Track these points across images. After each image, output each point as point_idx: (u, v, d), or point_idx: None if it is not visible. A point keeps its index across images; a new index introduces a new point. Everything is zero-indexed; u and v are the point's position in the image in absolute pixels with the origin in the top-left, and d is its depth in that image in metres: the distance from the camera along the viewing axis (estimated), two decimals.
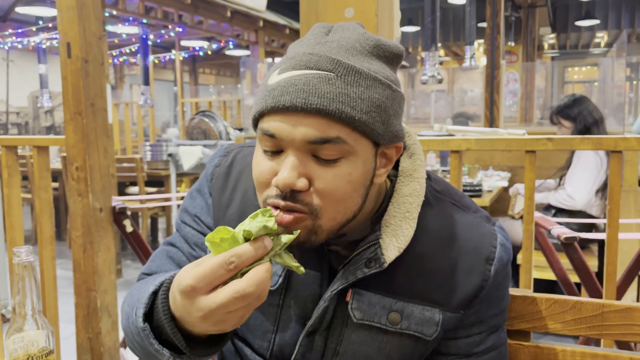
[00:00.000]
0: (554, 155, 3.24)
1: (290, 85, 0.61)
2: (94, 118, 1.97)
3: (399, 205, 0.71)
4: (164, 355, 0.63)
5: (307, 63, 0.62)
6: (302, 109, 0.60)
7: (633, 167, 2.52)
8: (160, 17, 5.43)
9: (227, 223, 0.78)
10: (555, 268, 1.86)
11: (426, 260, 0.72)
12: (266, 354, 0.77)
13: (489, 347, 0.75)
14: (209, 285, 0.56)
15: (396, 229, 0.70)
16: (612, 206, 1.39)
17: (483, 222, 0.75)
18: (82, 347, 2.09)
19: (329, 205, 0.64)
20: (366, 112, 0.62)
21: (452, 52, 11.20)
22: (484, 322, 0.74)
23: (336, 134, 0.61)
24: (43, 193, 2.18)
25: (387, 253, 0.68)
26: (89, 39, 1.95)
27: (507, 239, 0.76)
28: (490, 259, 0.72)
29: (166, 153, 3.83)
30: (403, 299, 0.71)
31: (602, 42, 11.08)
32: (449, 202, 0.76)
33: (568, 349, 0.85)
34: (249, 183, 0.78)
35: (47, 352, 0.76)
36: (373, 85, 0.63)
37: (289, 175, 0.62)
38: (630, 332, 0.82)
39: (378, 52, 0.66)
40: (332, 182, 0.63)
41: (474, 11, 4.52)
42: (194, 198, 0.84)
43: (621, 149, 1.35)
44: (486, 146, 1.47)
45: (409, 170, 0.74)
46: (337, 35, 0.66)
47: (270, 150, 0.65)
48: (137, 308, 0.66)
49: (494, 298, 0.74)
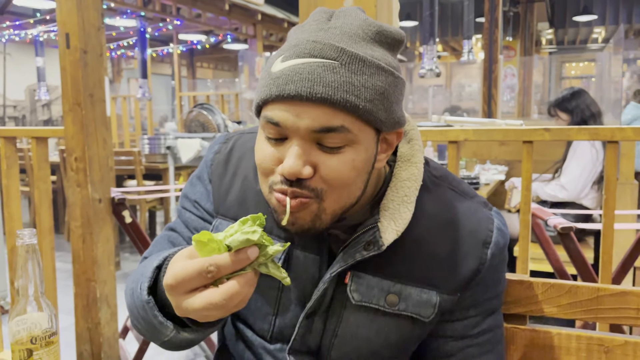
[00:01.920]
0: (551, 149, 3.25)
1: (295, 74, 0.61)
2: (92, 109, 1.98)
3: (397, 190, 0.72)
4: (167, 328, 0.64)
5: (311, 51, 0.62)
6: (307, 98, 0.61)
7: (629, 160, 2.54)
8: (158, 10, 5.42)
9: (228, 208, 0.79)
10: (551, 259, 1.88)
11: (424, 243, 0.73)
12: (267, 335, 0.78)
13: (484, 329, 0.77)
14: (186, 288, 0.58)
15: (394, 212, 0.71)
16: (608, 196, 1.40)
17: (480, 207, 0.77)
18: (81, 337, 2.10)
19: (334, 190, 0.65)
20: (370, 101, 0.62)
21: (450, 47, 11.19)
22: (480, 304, 0.76)
23: (340, 122, 0.62)
24: (42, 184, 2.19)
25: (385, 236, 0.69)
26: (87, 30, 1.95)
27: (504, 224, 0.77)
28: (487, 242, 0.74)
29: (164, 146, 3.83)
30: (401, 282, 0.72)
31: (600, 37, 11.09)
32: (447, 187, 0.77)
33: (564, 332, 0.86)
34: (250, 168, 0.79)
35: (50, 334, 0.77)
36: (376, 73, 0.63)
37: (295, 164, 0.62)
38: (625, 315, 0.83)
39: (380, 39, 0.66)
40: (336, 168, 0.64)
41: (472, 5, 4.53)
42: (194, 184, 0.85)
43: (617, 139, 1.36)
44: (484, 136, 1.48)
45: (407, 155, 0.75)
46: (340, 21, 0.66)
47: (273, 138, 0.65)
48: (142, 282, 0.67)
49: (491, 281, 0.76)
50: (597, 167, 2.69)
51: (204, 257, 0.58)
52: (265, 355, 0.79)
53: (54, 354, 0.77)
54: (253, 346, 0.80)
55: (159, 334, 0.67)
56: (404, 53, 10.51)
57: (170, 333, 0.65)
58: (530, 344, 0.88)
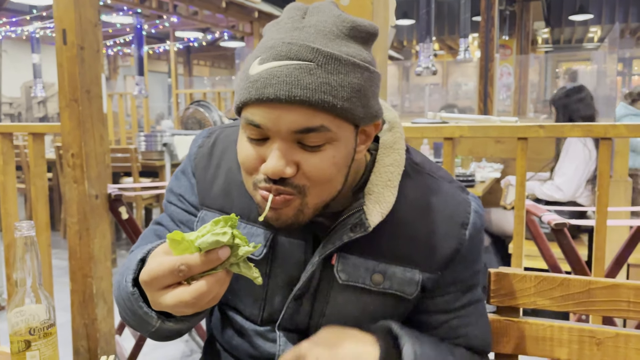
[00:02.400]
0: (545, 147, 3.27)
1: (273, 77, 0.63)
2: (89, 105, 1.98)
3: (381, 175, 0.75)
4: (152, 318, 0.68)
5: (288, 53, 0.63)
6: (286, 100, 0.62)
7: (623, 158, 2.56)
8: (155, 7, 5.41)
9: (213, 199, 0.82)
10: (545, 256, 1.89)
11: (406, 225, 0.76)
12: (257, 320, 0.81)
13: (464, 304, 0.80)
14: (160, 284, 0.61)
15: (379, 196, 0.74)
16: (601, 192, 1.41)
17: (458, 191, 0.80)
18: (77, 333, 2.10)
19: (316, 186, 0.68)
20: (347, 99, 0.64)
21: (446, 46, 11.22)
22: (459, 282, 0.80)
23: (320, 122, 0.64)
24: (38, 180, 2.19)
25: (371, 218, 0.72)
26: (84, 26, 1.95)
27: (480, 207, 0.81)
28: (465, 224, 0.78)
29: (161, 143, 3.83)
30: (385, 262, 0.76)
31: (596, 37, 11.13)
32: (427, 174, 0.80)
33: (556, 325, 0.88)
34: (233, 160, 0.81)
35: (49, 325, 0.77)
36: (352, 71, 0.65)
37: (278, 164, 0.65)
38: (616, 307, 0.85)
39: (354, 34, 0.67)
40: (318, 166, 0.66)
41: (468, 4, 4.54)
42: (178, 179, 0.87)
43: (611, 136, 1.37)
44: (479, 133, 1.49)
45: (389, 142, 0.78)
46: (314, 18, 0.67)
47: (255, 139, 0.67)
48: (127, 275, 0.70)
49: (469, 260, 0.79)
50: (591, 166, 2.71)
51: (177, 255, 0.61)
52: (256, 337, 0.81)
53: (52, 345, 0.78)
54: (243, 329, 0.82)
55: (145, 324, 0.70)
56: (401, 52, 10.53)
57: (155, 323, 0.68)
58: (523, 335, 0.89)
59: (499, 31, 6.61)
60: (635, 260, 2.59)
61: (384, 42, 1.63)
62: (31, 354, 0.76)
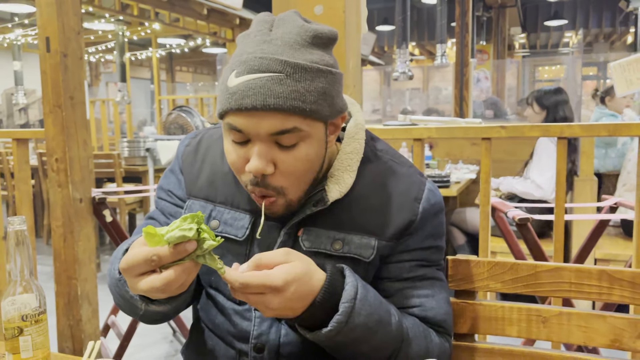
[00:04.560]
0: (520, 148, 3.39)
1: (249, 89, 0.73)
2: (73, 111, 2.03)
3: (342, 161, 0.86)
4: (137, 301, 0.78)
5: (260, 67, 0.73)
6: (261, 108, 0.73)
7: (589, 158, 2.68)
8: (137, 14, 5.45)
9: (199, 190, 0.92)
10: (514, 251, 1.99)
11: (364, 200, 0.86)
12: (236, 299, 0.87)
13: (419, 275, 0.87)
14: (135, 272, 0.71)
15: (339, 178, 0.85)
16: (558, 188, 1.51)
17: (415, 173, 0.90)
18: (62, 335, 2.14)
19: (293, 183, 0.79)
20: (315, 102, 0.74)
21: (426, 51, 11.39)
22: (413, 251, 0.87)
23: (292, 125, 0.74)
24: (22, 185, 2.23)
25: (330, 194, 0.83)
26: (67, 34, 2.00)
27: (436, 189, 0.90)
28: (418, 198, 0.87)
29: (144, 149, 3.87)
30: (344, 231, 0.85)
31: (571, 41, 11.40)
32: (388, 159, 0.90)
33: (506, 305, 0.96)
34: (217, 155, 0.92)
35: (40, 312, 0.84)
36: (317, 77, 0.75)
37: (259, 163, 0.75)
38: (559, 288, 0.94)
39: (317, 41, 0.77)
40: (293, 164, 0.77)
41: (444, 11, 4.67)
42: (167, 177, 0.98)
43: (566, 136, 1.48)
44: (445, 134, 1.59)
45: (352, 133, 0.88)
46: (280, 30, 0.77)
47: (238, 142, 0.78)
48: (115, 263, 0.81)
49: (425, 234, 0.87)
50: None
51: (151, 247, 0.71)
52: (235, 316, 0.89)
53: (43, 331, 0.84)
54: (224, 309, 0.90)
55: (134, 308, 0.80)
56: (382, 57, 10.67)
57: (141, 306, 0.78)
58: (477, 316, 0.97)
59: (476, 37, 6.77)
60: (603, 255, 2.71)
61: (357, 48, 1.72)
62: (24, 339, 0.82)
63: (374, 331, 0.77)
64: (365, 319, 0.76)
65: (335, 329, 0.74)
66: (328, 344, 0.77)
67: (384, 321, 0.79)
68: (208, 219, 0.90)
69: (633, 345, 0.90)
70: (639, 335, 0.90)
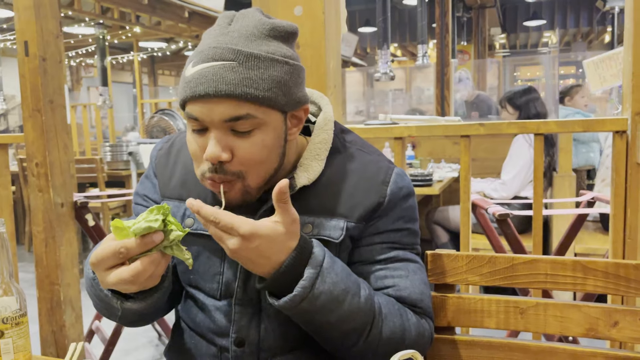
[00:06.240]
0: (500, 147, 3.44)
1: (202, 77, 0.74)
2: (53, 115, 2.01)
3: (311, 151, 0.88)
4: (112, 299, 0.79)
5: (213, 55, 0.75)
6: (214, 95, 0.74)
7: (567, 154, 2.73)
8: (117, 17, 5.41)
9: (172, 190, 0.93)
10: (495, 247, 2.02)
11: (333, 186, 0.87)
12: (217, 294, 0.89)
13: (391, 257, 0.88)
14: (105, 265, 0.72)
15: (307, 166, 0.87)
16: (536, 183, 1.54)
17: (383, 160, 0.92)
18: (45, 341, 2.12)
19: (251, 168, 0.79)
20: (268, 90, 0.75)
21: (409, 52, 11.47)
22: (383, 233, 0.88)
23: (245, 111, 0.75)
24: (2, 190, 2.20)
25: (298, 181, 0.85)
26: (46, 38, 1.99)
27: (405, 174, 0.92)
28: (385, 181, 0.88)
29: (126, 153, 3.85)
30: (314, 215, 0.86)
31: (550, 41, 11.58)
32: (356, 148, 0.92)
33: (485, 298, 0.98)
34: (188, 156, 0.92)
35: (21, 315, 0.84)
36: (271, 66, 0.76)
37: (215, 149, 0.76)
38: (535, 280, 0.96)
39: (274, 34, 0.79)
40: (249, 150, 0.78)
41: (425, 12, 4.72)
42: (142, 182, 1.00)
43: (542, 132, 1.51)
44: (425, 132, 1.61)
45: (321, 124, 0.91)
46: (238, 24, 0.79)
47: (197, 130, 0.79)
48: (88, 264, 0.80)
49: (394, 216, 0.88)
50: None
51: (119, 240, 0.72)
52: (215, 312, 0.89)
53: (24, 334, 0.84)
54: (205, 306, 0.91)
55: (111, 308, 0.81)
56: (364, 58, 10.72)
57: (117, 305, 0.79)
58: (457, 309, 0.99)
59: (457, 37, 6.84)
60: (582, 249, 2.76)
61: (337, 49, 1.73)
62: (4, 342, 0.82)
63: (340, 300, 0.77)
64: (330, 286, 0.76)
65: (300, 294, 0.74)
66: (294, 312, 0.77)
67: (351, 291, 0.79)
68: (182, 218, 0.90)
69: (608, 333, 0.93)
70: (613, 323, 0.92)
